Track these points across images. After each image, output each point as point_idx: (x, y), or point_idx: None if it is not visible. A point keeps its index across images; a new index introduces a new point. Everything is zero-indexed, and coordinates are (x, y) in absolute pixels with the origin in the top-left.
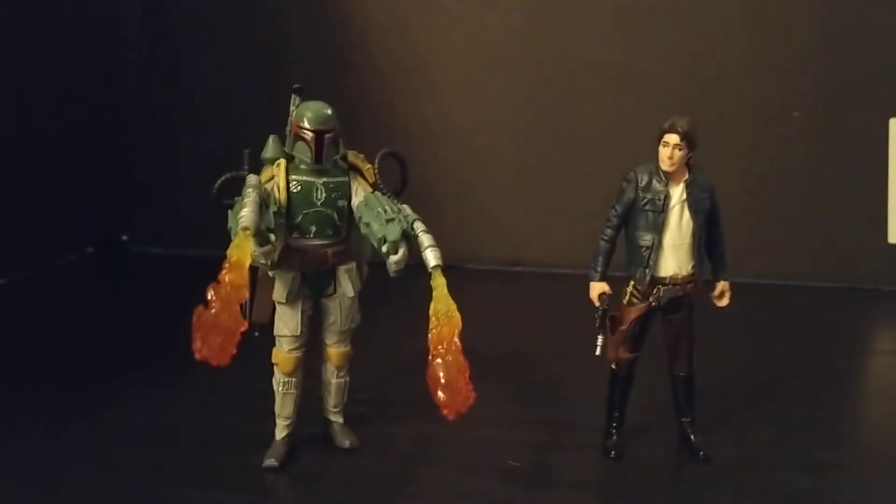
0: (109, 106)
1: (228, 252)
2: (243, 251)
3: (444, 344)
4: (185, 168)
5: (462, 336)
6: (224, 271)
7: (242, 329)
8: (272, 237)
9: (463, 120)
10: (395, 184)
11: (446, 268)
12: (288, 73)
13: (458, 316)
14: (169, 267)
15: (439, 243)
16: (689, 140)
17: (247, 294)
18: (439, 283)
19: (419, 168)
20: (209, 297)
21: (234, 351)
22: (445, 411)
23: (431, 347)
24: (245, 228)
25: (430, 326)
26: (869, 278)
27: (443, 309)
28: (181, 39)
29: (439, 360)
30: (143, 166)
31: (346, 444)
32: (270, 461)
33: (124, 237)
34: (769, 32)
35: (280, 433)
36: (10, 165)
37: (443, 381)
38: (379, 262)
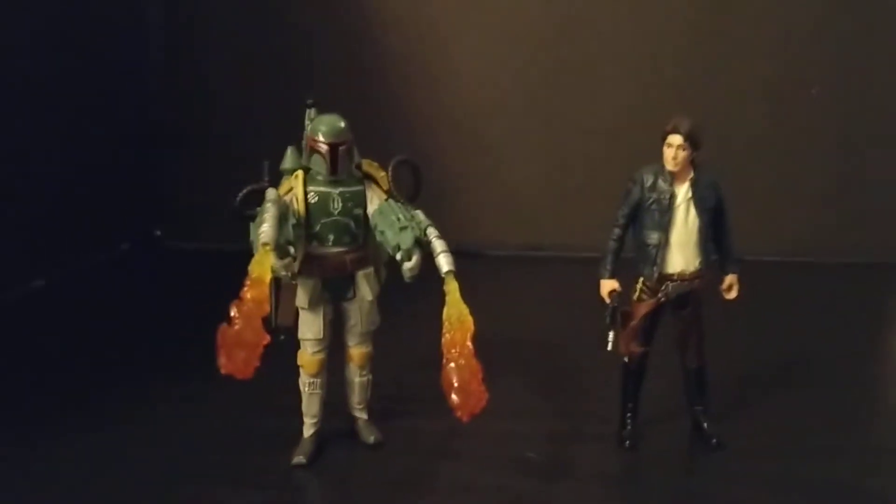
0: (140, 103)
1: (249, 269)
2: (263, 267)
3: (457, 348)
4: (217, 161)
5: (477, 330)
6: (245, 288)
7: (265, 343)
8: (292, 250)
9: (482, 107)
10: (409, 190)
11: (468, 254)
12: (310, 66)
13: (470, 320)
14: (204, 261)
15: (460, 230)
16: (692, 140)
17: (268, 308)
18: (452, 289)
19: (440, 157)
20: (232, 315)
21: (258, 364)
22: (459, 413)
23: (445, 352)
24: (265, 244)
25: (443, 331)
26: (891, 253)
27: (455, 314)
28: (209, 37)
29: (452, 365)
30: (175, 161)
31: (371, 439)
32: (299, 458)
33: (158, 232)
34: (786, 8)
35: (307, 431)
36: (42, 166)
37: (456, 384)
38: (396, 263)
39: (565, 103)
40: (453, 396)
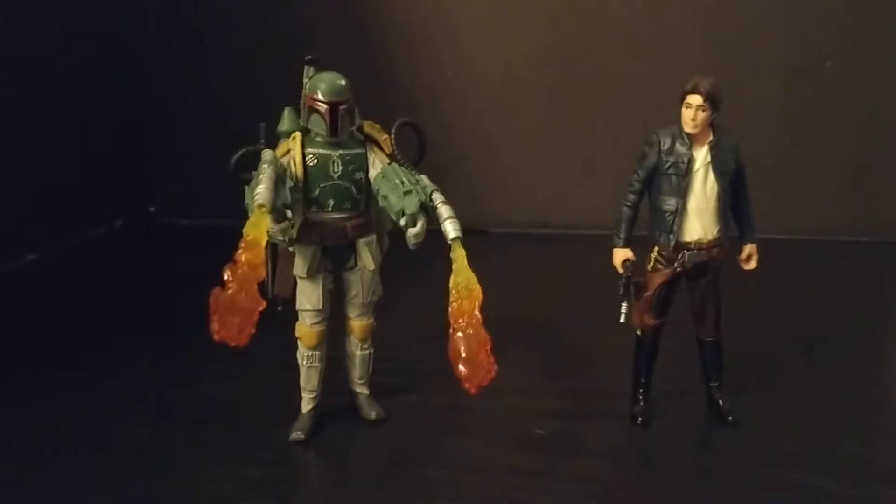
0: (133, 78)
1: (244, 231)
2: (259, 229)
3: (465, 317)
4: (210, 137)
5: (484, 306)
6: (240, 251)
7: (261, 308)
8: (289, 213)
9: (487, 82)
10: (413, 154)
11: (474, 232)
12: (309, 38)
13: (478, 288)
14: (198, 238)
15: (465, 208)
16: (712, 101)
17: (264, 273)
18: (459, 256)
19: (444, 131)
20: (226, 278)
21: (253, 331)
22: (467, 385)
23: (452, 321)
24: (261, 206)
25: (451, 299)
26: None
27: (463, 282)
28: (202, 10)
29: (460, 334)
30: (168, 137)
31: (373, 415)
32: (297, 434)
33: (152, 209)
34: None
35: (306, 406)
36: (36, 142)
37: (464, 354)
38: (399, 231)
39: (572, 79)
40: (461, 367)
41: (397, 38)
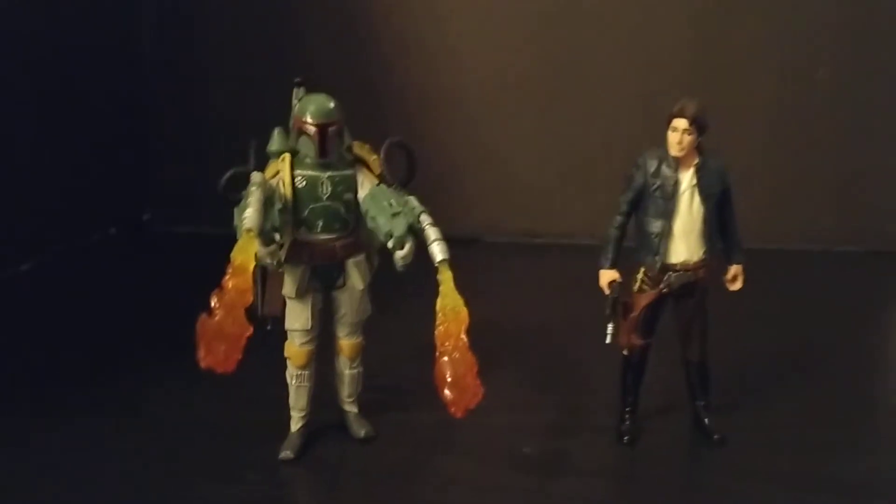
0: (128, 86)
1: (232, 255)
2: (247, 254)
3: (452, 340)
4: (205, 146)
5: (474, 316)
6: (227, 276)
7: (248, 334)
8: (277, 236)
9: (480, 91)
10: (402, 174)
11: (464, 241)
12: (304, 44)
13: (465, 312)
14: (192, 246)
15: (457, 217)
16: (698, 124)
17: (251, 298)
18: (446, 278)
19: (436, 141)
20: (212, 304)
21: (240, 356)
22: (453, 409)
23: (438, 344)
24: (248, 230)
25: (437, 323)
26: None
27: (450, 304)
28: (198, 17)
29: (446, 358)
30: (163, 145)
31: (362, 433)
32: (286, 453)
33: (146, 217)
34: None
35: (295, 425)
36: (30, 149)
37: (449, 379)
38: (388, 250)
39: (564, 87)
40: (447, 392)
41: (390, 46)
